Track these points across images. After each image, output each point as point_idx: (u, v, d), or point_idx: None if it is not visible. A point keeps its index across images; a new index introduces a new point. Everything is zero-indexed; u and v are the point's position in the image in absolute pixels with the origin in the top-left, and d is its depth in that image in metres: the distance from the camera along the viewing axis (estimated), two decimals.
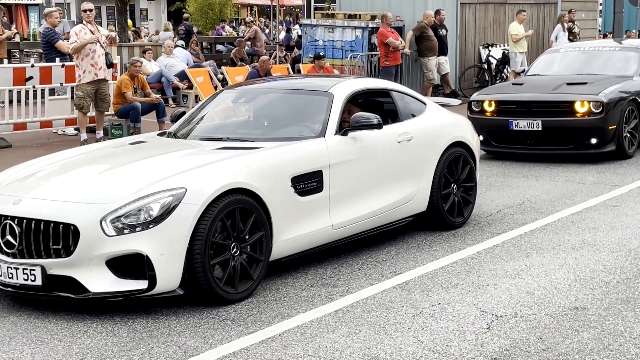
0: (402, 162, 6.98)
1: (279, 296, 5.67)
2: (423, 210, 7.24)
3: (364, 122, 6.47)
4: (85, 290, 5.17)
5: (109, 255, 5.16)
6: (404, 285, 5.85)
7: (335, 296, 5.65)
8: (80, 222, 5.17)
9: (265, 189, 5.69)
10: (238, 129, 6.92)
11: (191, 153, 6.37)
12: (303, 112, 6.81)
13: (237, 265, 5.50)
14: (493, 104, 11.29)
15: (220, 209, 5.36)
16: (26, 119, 12.67)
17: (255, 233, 5.62)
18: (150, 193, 5.28)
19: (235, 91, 7.55)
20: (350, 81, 7.21)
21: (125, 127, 12.79)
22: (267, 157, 5.99)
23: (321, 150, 6.25)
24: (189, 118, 7.19)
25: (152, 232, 5.16)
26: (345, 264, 6.42)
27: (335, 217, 6.29)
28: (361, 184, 6.56)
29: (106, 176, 5.75)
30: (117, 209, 5.21)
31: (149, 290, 5.16)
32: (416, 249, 6.87)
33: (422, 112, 7.51)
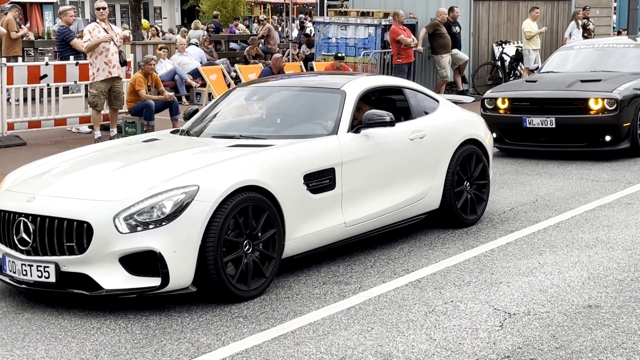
0: (415, 160, 6.97)
1: (292, 293, 5.67)
2: (436, 208, 7.23)
3: (377, 120, 6.46)
4: (99, 287, 5.19)
5: (122, 253, 5.18)
6: (417, 283, 5.85)
7: (348, 294, 5.65)
8: (94, 220, 5.19)
9: (278, 186, 5.70)
10: (251, 126, 6.92)
11: (204, 151, 6.38)
12: (315, 110, 6.81)
13: (249, 262, 5.50)
14: (506, 101, 11.25)
15: (233, 206, 5.36)
16: (40, 116, 12.73)
17: (267, 230, 5.63)
18: (163, 190, 5.29)
19: (248, 89, 7.56)
20: (363, 79, 7.20)
21: (139, 125, 12.82)
22: (280, 154, 5.99)
23: (333, 148, 6.25)
24: (202, 116, 7.20)
25: (165, 229, 5.18)
26: (357, 262, 6.41)
27: (348, 214, 6.28)
28: (373, 181, 6.55)
29: (119, 174, 5.77)
30: (130, 206, 5.22)
31: (161, 287, 5.18)
32: (429, 246, 6.86)
33: (435, 110, 7.49)
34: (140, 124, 12.81)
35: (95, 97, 12.10)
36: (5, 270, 5.51)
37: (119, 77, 12.25)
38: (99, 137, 12.16)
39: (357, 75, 7.85)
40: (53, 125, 12.92)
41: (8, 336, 4.97)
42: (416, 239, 7.10)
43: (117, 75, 12.17)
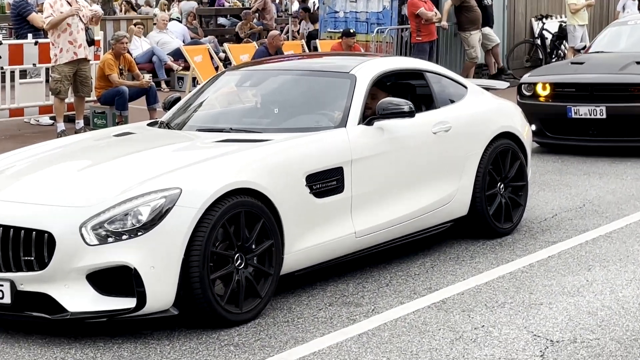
0: (439, 157, 6.97)
1: (292, 317, 5.67)
2: (464, 215, 7.23)
3: (393, 110, 6.46)
4: (63, 309, 5.19)
5: (90, 268, 5.18)
6: (441, 305, 5.84)
7: (359, 317, 5.65)
8: (57, 229, 5.19)
9: (276, 189, 5.70)
10: (243, 117, 6.93)
11: (187, 147, 6.39)
12: (320, 98, 6.81)
13: (241, 280, 5.51)
14: (548, 87, 11.24)
15: (222, 213, 5.37)
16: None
17: (263, 242, 5.63)
18: (138, 194, 5.30)
19: (239, 73, 7.56)
20: (377, 61, 7.21)
21: (110, 116, 12.85)
22: (278, 151, 5.99)
23: (342, 143, 6.26)
24: (185, 105, 7.21)
25: (141, 240, 5.18)
26: (370, 279, 6.41)
27: (359, 222, 6.28)
28: (389, 183, 6.55)
29: (87, 174, 5.77)
30: (99, 213, 5.22)
31: (137, 309, 5.18)
32: (455, 260, 6.86)
33: (463, 97, 7.50)
34: (111, 115, 12.83)
35: (57, 83, 12.12)
36: None
37: (85, 59, 12.26)
38: (63, 130, 12.19)
39: (370, 56, 7.85)
40: (8, 117, 12.95)
41: None
42: (440, 251, 7.09)
43: (83, 56, 12.18)
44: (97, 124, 12.83)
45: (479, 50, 17.45)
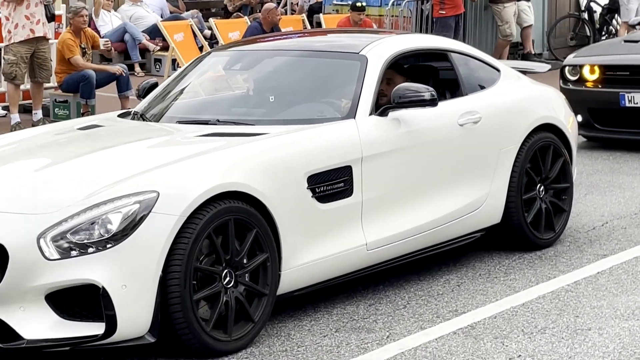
0: (466, 154, 6.97)
1: (291, 345, 5.67)
2: (496, 223, 7.23)
3: (412, 97, 6.46)
4: (17, 336, 5.19)
5: (50, 287, 5.18)
6: (469, 330, 5.84)
7: (371, 345, 5.65)
8: (9, 241, 5.19)
9: (271, 192, 5.70)
10: (232, 107, 6.94)
11: (166, 142, 6.39)
12: (325, 84, 6.82)
13: (230, 301, 5.51)
14: (596, 69, 11.24)
15: (207, 221, 5.37)
16: None
17: (256, 255, 5.63)
18: (107, 199, 5.30)
19: (228, 54, 7.57)
20: (392, 39, 7.22)
21: (74, 105, 12.87)
22: (274, 147, 6.00)
23: (350, 138, 6.26)
24: (163, 92, 7.23)
25: (110, 254, 5.18)
26: (384, 300, 6.41)
27: (371, 232, 6.29)
28: (407, 185, 6.55)
29: (46, 175, 5.77)
30: (61, 221, 5.23)
31: (106, 336, 5.18)
32: (486, 278, 6.86)
33: (495, 83, 7.51)
34: (75, 104, 12.86)
35: (13, 66, 12.14)
36: None
37: (44, 38, 12.29)
38: (18, 122, 12.22)
39: (384, 33, 7.86)
40: None
41: None
42: (468, 267, 7.09)
43: (42, 34, 12.20)
44: (59, 115, 12.85)
45: (514, 27, 17.45)
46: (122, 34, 17.63)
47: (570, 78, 11.36)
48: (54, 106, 13.04)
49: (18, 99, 12.55)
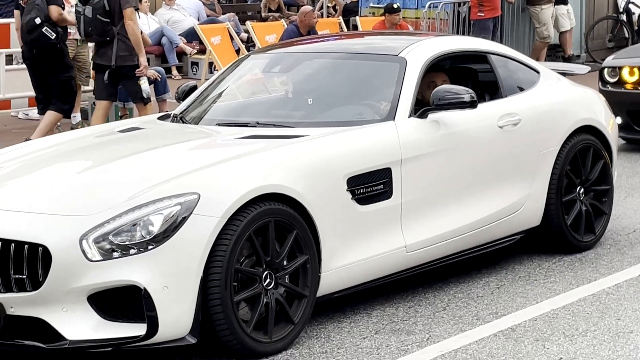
0: (506, 156, 6.96)
1: (331, 347, 5.69)
2: (536, 225, 7.22)
3: (451, 99, 6.47)
4: (60, 337, 5.23)
5: (92, 288, 5.22)
6: (510, 333, 5.83)
7: (411, 347, 5.66)
8: (53, 242, 5.23)
9: (311, 194, 5.72)
10: (271, 110, 6.96)
11: (206, 144, 6.43)
12: (364, 86, 6.83)
13: (271, 302, 5.53)
14: (636, 71, 11.18)
15: (248, 222, 5.39)
16: None
17: (296, 257, 5.65)
18: (149, 201, 5.34)
19: (266, 56, 7.59)
20: (431, 41, 7.22)
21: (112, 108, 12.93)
22: (313, 149, 6.02)
23: (390, 140, 6.27)
24: (202, 95, 7.26)
25: (152, 255, 5.22)
26: (423, 302, 6.42)
27: (410, 234, 6.29)
28: (446, 187, 6.55)
29: (87, 177, 5.82)
30: (103, 223, 5.27)
31: (148, 337, 5.21)
32: (526, 280, 6.84)
33: (535, 85, 7.49)
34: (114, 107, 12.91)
35: None
36: None
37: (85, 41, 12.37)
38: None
39: (422, 36, 7.85)
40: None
41: None
42: (508, 269, 7.08)
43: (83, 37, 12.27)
44: None
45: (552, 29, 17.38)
46: (159, 37, 17.72)
47: (610, 80, 11.30)
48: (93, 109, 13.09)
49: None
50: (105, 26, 10.64)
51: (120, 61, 10.64)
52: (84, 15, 10.72)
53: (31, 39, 11.01)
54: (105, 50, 10.71)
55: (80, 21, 10.78)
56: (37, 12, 10.89)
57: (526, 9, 17.48)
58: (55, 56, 11.13)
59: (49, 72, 11.28)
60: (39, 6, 10.90)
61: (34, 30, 10.95)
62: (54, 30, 10.93)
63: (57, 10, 10.94)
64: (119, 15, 10.57)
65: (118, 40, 10.62)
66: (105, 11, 10.58)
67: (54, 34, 10.91)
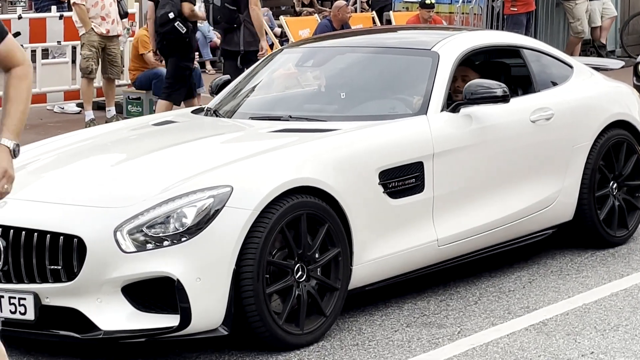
0: (538, 151, 6.95)
1: (362, 339, 5.71)
2: (568, 220, 7.20)
3: (483, 94, 6.46)
4: (94, 327, 5.28)
5: (126, 280, 5.27)
6: (541, 327, 5.83)
7: (443, 340, 5.67)
8: (87, 234, 5.28)
9: (343, 187, 5.74)
10: (304, 104, 6.98)
11: (239, 138, 6.46)
12: (396, 80, 6.84)
13: (302, 294, 5.55)
14: None
15: (280, 215, 5.42)
16: None
17: (328, 250, 5.67)
18: (182, 193, 5.37)
19: (299, 51, 7.61)
20: (464, 35, 7.21)
21: (147, 102, 13.02)
22: (346, 143, 6.04)
23: (422, 134, 6.28)
24: (235, 89, 7.30)
25: (185, 247, 5.26)
26: (454, 296, 6.42)
27: (442, 228, 6.30)
28: (478, 181, 6.56)
29: (122, 170, 5.88)
30: (137, 215, 5.31)
31: (181, 328, 5.25)
32: (558, 275, 6.83)
33: (568, 79, 7.47)
34: (148, 101, 13.01)
35: (88, 61, 12.32)
36: None
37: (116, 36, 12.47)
38: (92, 119, 12.40)
39: (455, 31, 7.84)
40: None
41: None
42: (539, 263, 7.07)
43: (116, 34, 12.40)
44: (132, 112, 13.00)
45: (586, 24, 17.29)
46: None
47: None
48: (127, 103, 13.20)
49: (92, 96, 12.74)
50: (233, 13, 11.16)
51: (247, 46, 11.16)
52: (213, 4, 11.42)
53: (163, 31, 11.50)
54: (232, 36, 11.23)
55: (209, 10, 11.36)
56: (170, 7, 11.39)
57: (560, 4, 17.39)
58: (183, 48, 11.63)
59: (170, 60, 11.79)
60: (173, 1, 11.43)
61: (167, 23, 11.43)
62: (185, 25, 11.43)
63: (189, 7, 11.48)
64: (245, 2, 11.12)
65: (244, 26, 11.12)
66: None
67: (185, 29, 11.43)
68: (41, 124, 12.90)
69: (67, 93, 13.44)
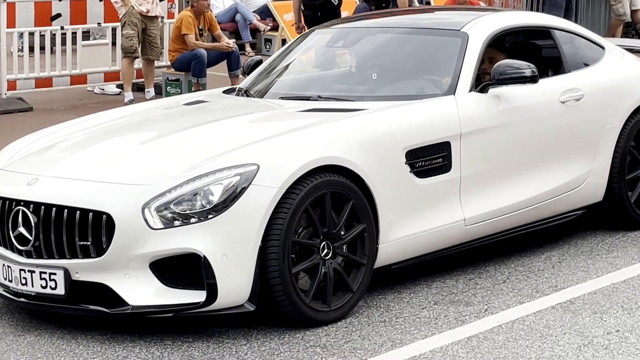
0: (568, 132, 6.93)
1: (389, 316, 5.74)
2: (598, 201, 7.18)
3: (512, 74, 6.45)
4: (123, 302, 5.36)
5: (154, 256, 5.33)
6: (568, 305, 5.83)
7: (469, 318, 5.68)
8: (116, 210, 5.34)
9: (370, 166, 5.76)
10: (334, 84, 7.00)
11: (267, 117, 6.50)
12: (425, 60, 6.84)
13: (329, 272, 5.59)
14: None
15: (306, 194, 5.45)
16: (52, 72, 13.12)
17: (353, 226, 5.69)
18: (209, 171, 5.42)
19: (331, 31, 7.63)
20: (494, 16, 7.21)
21: (186, 84, 13.07)
22: (373, 122, 6.06)
23: (450, 114, 6.28)
24: (267, 69, 7.33)
25: (211, 224, 5.30)
26: (483, 275, 6.43)
27: (469, 208, 6.30)
28: (506, 161, 6.55)
29: (150, 148, 5.94)
30: (165, 192, 5.36)
31: (207, 304, 5.31)
32: (588, 255, 6.82)
33: (599, 60, 7.43)
34: (187, 82, 13.05)
35: (131, 40, 12.38)
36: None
37: (155, 17, 12.54)
38: (131, 99, 12.48)
39: (488, 11, 7.81)
40: (69, 84, 13.30)
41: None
42: (569, 244, 7.06)
43: (156, 14, 12.47)
44: (171, 94, 13.05)
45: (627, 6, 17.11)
46: (233, 14, 17.80)
47: None
48: (166, 84, 13.26)
49: (132, 77, 12.82)
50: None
51: None
52: None
53: (317, 4, 12.00)
54: None
55: None
56: None
57: None
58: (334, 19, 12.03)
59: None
60: None
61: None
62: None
63: None
64: None
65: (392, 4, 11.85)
66: None
67: (337, 1, 12.06)
68: (81, 104, 13.01)
69: (107, 74, 13.53)
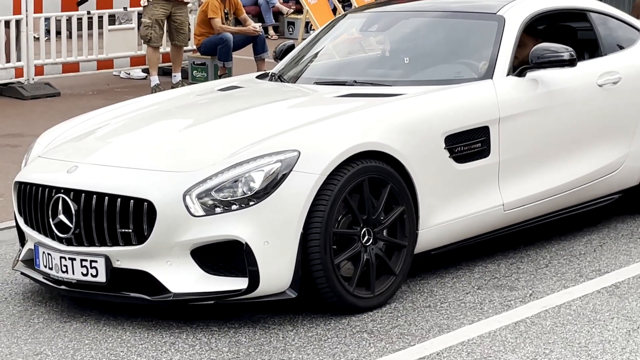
0: (605, 115, 6.88)
1: (434, 301, 5.72)
2: (634, 185, 7.13)
3: (550, 57, 6.40)
4: (164, 289, 5.35)
5: (195, 243, 5.32)
6: (614, 289, 5.82)
7: (514, 303, 5.67)
8: (157, 198, 5.33)
9: (409, 152, 5.73)
10: (369, 68, 6.96)
11: (304, 102, 6.47)
12: (461, 44, 6.79)
13: (371, 258, 5.56)
14: None
15: (346, 180, 5.42)
16: (79, 57, 13.15)
17: (392, 209, 5.65)
18: (250, 158, 5.39)
19: (364, 15, 7.59)
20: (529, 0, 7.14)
21: (211, 68, 13.08)
22: (411, 107, 6.02)
23: (488, 98, 6.24)
24: (299, 54, 7.30)
25: (253, 211, 5.28)
26: (526, 259, 6.42)
27: (508, 192, 6.27)
28: (544, 146, 6.51)
29: (189, 135, 5.91)
30: (205, 179, 5.34)
31: (249, 290, 5.30)
32: (629, 238, 6.80)
33: (635, 43, 7.38)
34: (212, 66, 13.07)
35: (148, 29, 12.39)
36: (38, 266, 5.74)
37: (182, 2, 12.50)
38: (157, 84, 12.48)
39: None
40: (95, 69, 13.33)
41: (53, 352, 5.18)
42: (610, 227, 7.04)
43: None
44: (197, 77, 13.08)
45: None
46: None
47: None
48: (192, 69, 13.27)
49: (157, 62, 12.82)
50: None
51: None
52: None
53: None
54: None
55: None
56: None
57: None
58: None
59: None
60: None
61: None
62: None
63: None
64: None
65: None
66: None
67: None
68: (108, 89, 13.03)
69: (133, 59, 13.55)
